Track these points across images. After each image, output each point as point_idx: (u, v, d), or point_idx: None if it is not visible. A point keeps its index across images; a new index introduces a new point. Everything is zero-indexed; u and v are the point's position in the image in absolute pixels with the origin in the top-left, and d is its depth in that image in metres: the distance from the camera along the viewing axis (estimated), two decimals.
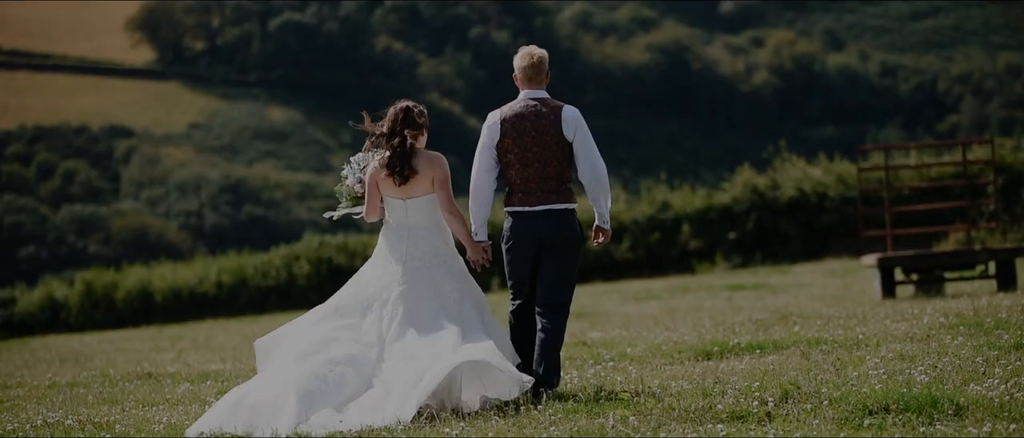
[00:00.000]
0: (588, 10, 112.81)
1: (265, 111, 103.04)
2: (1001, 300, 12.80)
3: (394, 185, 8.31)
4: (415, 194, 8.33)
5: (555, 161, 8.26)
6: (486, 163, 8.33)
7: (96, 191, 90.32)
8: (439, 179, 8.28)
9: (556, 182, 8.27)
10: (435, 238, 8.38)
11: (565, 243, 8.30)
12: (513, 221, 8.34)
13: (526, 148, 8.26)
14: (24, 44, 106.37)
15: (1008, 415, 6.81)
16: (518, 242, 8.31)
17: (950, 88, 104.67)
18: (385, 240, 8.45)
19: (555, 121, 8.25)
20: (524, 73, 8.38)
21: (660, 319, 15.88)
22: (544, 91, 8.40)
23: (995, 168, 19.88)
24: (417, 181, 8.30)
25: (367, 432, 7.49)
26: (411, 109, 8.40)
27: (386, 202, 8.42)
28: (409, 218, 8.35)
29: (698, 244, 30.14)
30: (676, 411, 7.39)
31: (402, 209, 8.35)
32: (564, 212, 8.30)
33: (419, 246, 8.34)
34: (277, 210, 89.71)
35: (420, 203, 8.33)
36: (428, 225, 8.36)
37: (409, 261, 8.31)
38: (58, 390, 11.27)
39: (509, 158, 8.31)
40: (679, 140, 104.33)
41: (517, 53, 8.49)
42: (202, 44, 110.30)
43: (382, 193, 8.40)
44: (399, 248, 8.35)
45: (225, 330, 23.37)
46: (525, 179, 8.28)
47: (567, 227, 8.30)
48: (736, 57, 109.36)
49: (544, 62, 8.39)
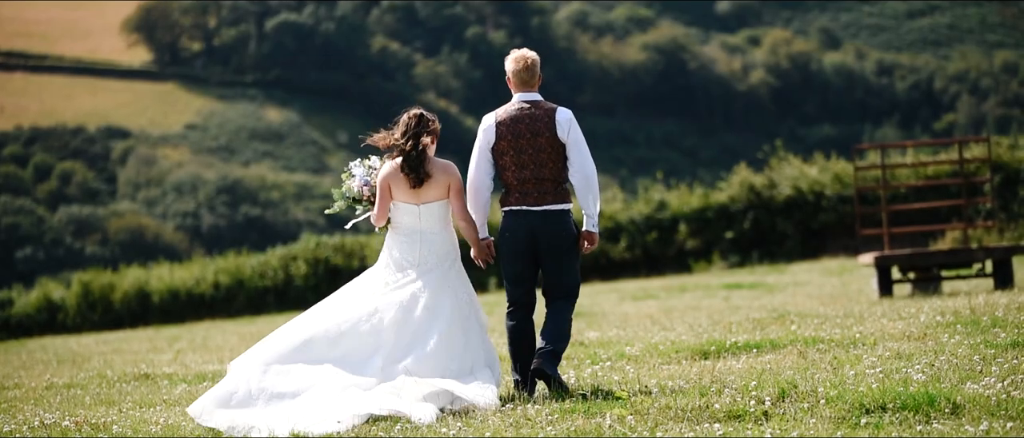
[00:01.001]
0: (584, 10, 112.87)
1: (262, 112, 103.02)
2: (998, 298, 12.80)
3: (408, 190, 8.50)
4: (428, 199, 8.53)
5: (550, 163, 8.40)
6: (483, 166, 8.47)
7: (93, 192, 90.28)
8: (456, 188, 8.53)
9: (552, 183, 8.42)
10: (446, 241, 8.60)
11: (561, 242, 8.44)
12: (509, 220, 8.47)
13: (521, 150, 8.41)
14: (21, 45, 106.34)
15: (1005, 413, 6.82)
16: (514, 241, 8.44)
17: (947, 87, 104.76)
18: (396, 245, 8.61)
19: (549, 123, 8.39)
20: (517, 76, 8.51)
21: (657, 319, 15.88)
22: (537, 93, 8.55)
23: (992, 166, 19.89)
24: (431, 186, 8.50)
25: (365, 431, 7.50)
26: (424, 115, 8.57)
27: (397, 207, 8.57)
28: (422, 223, 8.55)
29: (695, 243, 30.14)
30: (673, 411, 7.39)
31: (415, 214, 8.54)
32: (560, 212, 8.44)
33: (432, 250, 8.56)
34: (274, 210, 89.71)
35: (433, 208, 8.54)
36: (440, 229, 8.58)
37: (423, 264, 8.53)
38: (55, 391, 11.26)
39: (505, 160, 8.45)
40: (676, 139, 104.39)
41: (508, 56, 8.61)
42: (198, 45, 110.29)
43: (394, 197, 8.55)
44: (412, 252, 8.56)
45: (222, 331, 23.35)
46: (521, 180, 8.42)
47: (563, 227, 8.44)
48: (733, 56, 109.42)
49: (536, 65, 8.55)
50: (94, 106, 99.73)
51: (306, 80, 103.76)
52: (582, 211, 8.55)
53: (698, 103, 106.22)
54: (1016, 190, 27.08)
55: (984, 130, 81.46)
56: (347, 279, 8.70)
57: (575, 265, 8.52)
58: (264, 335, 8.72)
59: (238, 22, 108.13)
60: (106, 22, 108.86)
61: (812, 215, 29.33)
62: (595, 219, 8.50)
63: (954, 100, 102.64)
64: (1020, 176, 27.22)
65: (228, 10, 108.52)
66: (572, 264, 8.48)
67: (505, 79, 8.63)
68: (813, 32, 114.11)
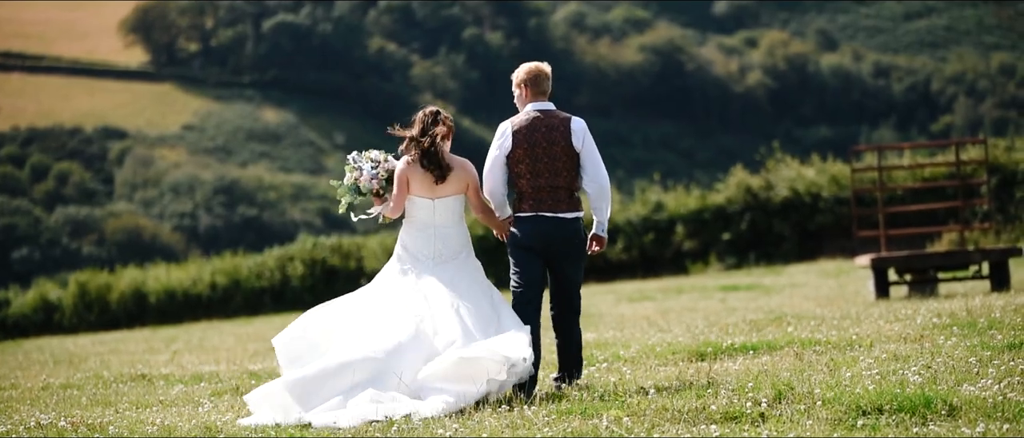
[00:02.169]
0: (582, 11, 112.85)
1: (259, 112, 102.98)
2: (994, 300, 12.81)
3: (427, 184, 8.71)
4: (444, 194, 8.75)
5: (565, 171, 8.64)
6: (498, 174, 8.70)
7: (90, 193, 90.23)
8: (474, 185, 8.80)
9: (565, 191, 8.66)
10: (460, 235, 8.83)
11: (573, 249, 8.70)
12: (523, 227, 8.69)
13: (537, 158, 8.62)
14: (18, 46, 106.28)
15: (1001, 415, 6.82)
16: (527, 247, 8.67)
17: (944, 88, 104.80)
18: (410, 239, 8.83)
19: (565, 132, 8.63)
20: (531, 87, 8.75)
21: (654, 320, 15.89)
22: (551, 103, 8.78)
23: (988, 168, 19.88)
24: (448, 182, 8.74)
25: (362, 431, 7.50)
26: (439, 112, 8.83)
27: (412, 201, 8.79)
28: (437, 217, 8.77)
29: (692, 245, 30.15)
30: (670, 412, 7.39)
31: (430, 208, 8.76)
32: (573, 220, 8.70)
33: (448, 244, 8.78)
34: (271, 211, 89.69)
35: (448, 202, 8.77)
36: (453, 223, 8.81)
37: (439, 256, 8.76)
38: (51, 392, 11.26)
39: (520, 168, 8.66)
40: (673, 141, 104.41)
41: (520, 68, 8.82)
42: (196, 45, 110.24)
43: (411, 191, 8.76)
44: (428, 246, 8.77)
45: (219, 331, 23.34)
46: (536, 188, 8.65)
47: (575, 235, 8.70)
48: (730, 58, 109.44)
49: (549, 76, 8.80)
50: (91, 107, 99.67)
51: (303, 81, 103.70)
52: (593, 216, 8.78)
53: (695, 104, 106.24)
54: (1013, 192, 27.11)
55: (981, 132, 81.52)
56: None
57: (582, 269, 8.79)
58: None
59: (235, 23, 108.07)
60: (103, 23, 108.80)
61: (809, 217, 29.34)
62: (605, 224, 8.76)
63: (951, 102, 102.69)
64: (1017, 178, 27.24)
65: (225, 11, 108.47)
66: (579, 269, 8.76)
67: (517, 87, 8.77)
68: (810, 34, 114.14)
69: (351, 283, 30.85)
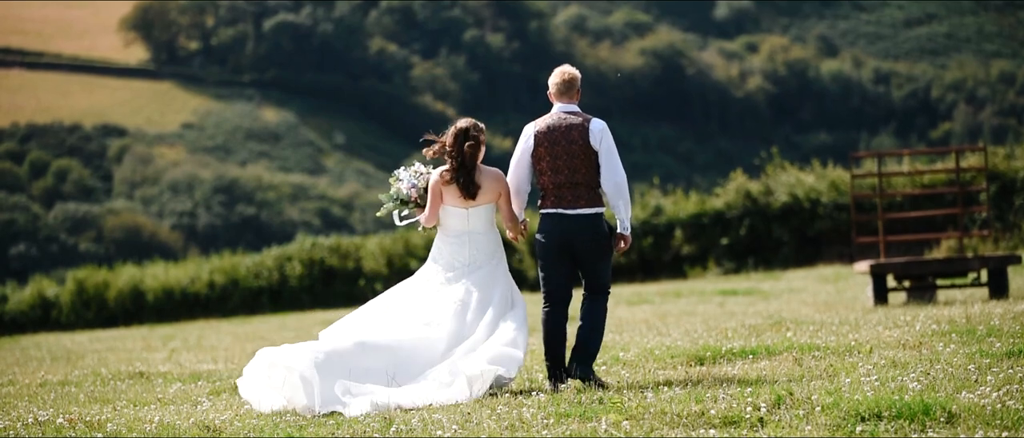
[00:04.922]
0: (583, 14, 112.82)
1: (258, 112, 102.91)
2: (993, 308, 12.81)
3: (461, 196, 9.12)
4: (476, 203, 9.22)
5: (583, 168, 9.05)
6: (522, 172, 9.18)
7: (88, 190, 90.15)
8: (505, 194, 9.23)
9: (585, 188, 9.06)
10: (492, 240, 9.28)
11: (594, 244, 9.06)
12: (546, 223, 9.11)
13: (557, 156, 9.06)
14: (17, 42, 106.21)
15: (1000, 423, 6.82)
16: (550, 242, 9.07)
17: (943, 95, 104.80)
18: (445, 246, 9.28)
19: (583, 132, 9.06)
20: (557, 88, 9.25)
21: (652, 324, 15.89)
22: (576, 105, 9.25)
23: (988, 176, 19.89)
24: (481, 193, 9.19)
25: (361, 431, 7.49)
26: (469, 128, 9.18)
27: (446, 210, 9.23)
28: (470, 224, 9.22)
29: (691, 249, 30.15)
30: (668, 416, 7.39)
31: (463, 217, 9.21)
32: (593, 216, 9.06)
33: (481, 249, 9.23)
34: (270, 211, 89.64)
35: (480, 211, 9.22)
36: (486, 230, 9.26)
37: (473, 263, 9.21)
38: (49, 389, 11.25)
39: (542, 165, 9.12)
40: (672, 145, 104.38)
41: (554, 71, 9.32)
42: (196, 44, 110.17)
43: (445, 201, 9.21)
44: (462, 252, 9.22)
45: (217, 330, 23.34)
46: (557, 185, 9.06)
47: (596, 230, 9.06)
48: (730, 62, 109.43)
49: (576, 80, 9.28)
50: (90, 104, 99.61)
51: (303, 81, 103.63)
52: (615, 215, 9.15)
53: (695, 109, 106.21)
54: (1012, 199, 27.11)
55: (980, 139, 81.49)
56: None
57: (608, 264, 9.16)
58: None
59: (236, 22, 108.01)
60: (103, 20, 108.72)
61: (808, 222, 29.34)
62: (627, 223, 9.12)
63: (951, 109, 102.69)
64: (1016, 185, 27.24)
65: (226, 10, 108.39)
66: (606, 264, 9.13)
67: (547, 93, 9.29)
68: (811, 39, 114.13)
69: (349, 283, 30.87)
